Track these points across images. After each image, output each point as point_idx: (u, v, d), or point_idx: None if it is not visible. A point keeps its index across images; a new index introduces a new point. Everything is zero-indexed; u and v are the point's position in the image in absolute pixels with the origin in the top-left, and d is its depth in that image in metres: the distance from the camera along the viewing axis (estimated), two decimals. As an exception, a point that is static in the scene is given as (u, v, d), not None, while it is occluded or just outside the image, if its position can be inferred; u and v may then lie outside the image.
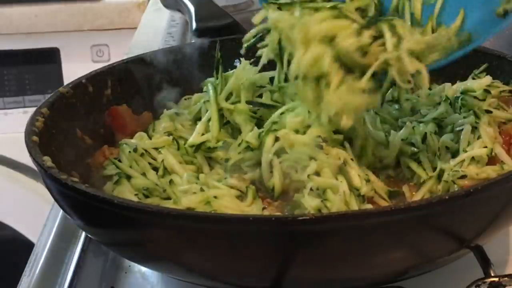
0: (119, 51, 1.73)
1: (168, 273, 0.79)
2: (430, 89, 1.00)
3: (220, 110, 0.92)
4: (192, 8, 1.36)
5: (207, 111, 0.93)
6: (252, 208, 0.80)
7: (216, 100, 0.92)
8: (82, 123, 0.94)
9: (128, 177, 0.86)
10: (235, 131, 0.91)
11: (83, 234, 0.91)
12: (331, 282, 0.73)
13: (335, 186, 0.78)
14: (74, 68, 2.03)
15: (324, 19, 0.81)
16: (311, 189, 0.78)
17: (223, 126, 0.91)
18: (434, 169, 0.85)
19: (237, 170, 0.86)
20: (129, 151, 0.88)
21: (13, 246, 2.15)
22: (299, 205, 0.79)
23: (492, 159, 0.85)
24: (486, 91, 0.92)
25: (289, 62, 0.83)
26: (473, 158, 0.85)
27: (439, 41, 0.82)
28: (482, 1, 0.85)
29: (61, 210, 0.92)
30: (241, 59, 0.96)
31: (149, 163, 0.88)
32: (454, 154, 0.87)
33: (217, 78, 0.94)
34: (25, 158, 0.92)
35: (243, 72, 0.93)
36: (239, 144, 0.87)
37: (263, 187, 0.84)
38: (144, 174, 0.86)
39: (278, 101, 0.91)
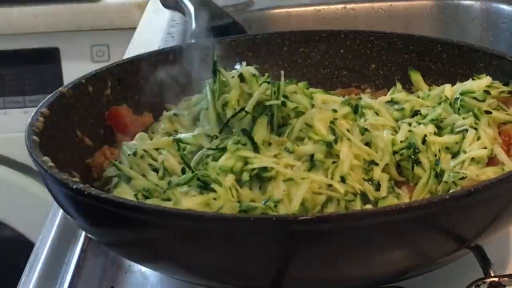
0: (119, 51, 1.73)
1: (168, 273, 0.79)
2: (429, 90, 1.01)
3: (218, 115, 0.91)
4: (192, 8, 1.36)
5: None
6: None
7: (215, 106, 0.92)
8: (82, 123, 0.94)
9: (129, 179, 0.86)
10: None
11: (83, 234, 0.91)
12: (331, 282, 0.73)
13: None
14: (74, 68, 2.03)
15: None
16: None
17: (222, 130, 0.90)
18: (435, 170, 0.85)
19: None
20: (129, 154, 0.88)
21: (13, 246, 2.15)
22: None
23: (491, 160, 0.85)
24: (486, 92, 0.93)
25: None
26: (473, 159, 0.85)
27: None
28: None
29: (61, 210, 0.92)
30: (242, 62, 0.96)
31: (150, 164, 0.88)
32: (454, 155, 0.87)
33: (214, 82, 0.93)
34: (25, 158, 0.92)
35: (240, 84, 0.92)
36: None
37: None
38: (144, 176, 0.86)
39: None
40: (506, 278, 0.71)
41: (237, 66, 0.96)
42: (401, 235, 0.69)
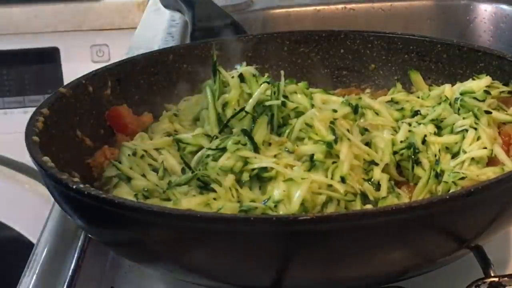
0: (119, 51, 1.73)
1: (168, 273, 0.79)
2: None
3: (218, 115, 0.91)
4: (191, 8, 1.36)
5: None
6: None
7: (215, 106, 0.92)
8: (82, 123, 0.94)
9: (128, 179, 0.86)
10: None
11: (83, 234, 0.91)
12: (331, 282, 0.73)
13: None
14: (74, 68, 2.02)
15: None
16: None
17: (223, 130, 0.90)
18: (435, 170, 0.85)
19: None
20: (129, 154, 0.88)
21: (13, 246, 2.15)
22: None
23: (491, 160, 0.85)
24: (486, 92, 0.93)
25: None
26: (473, 159, 0.85)
27: None
28: None
29: (61, 210, 0.92)
30: (243, 63, 0.96)
31: (150, 164, 0.88)
32: (454, 155, 0.87)
33: (215, 82, 0.93)
34: (25, 158, 0.91)
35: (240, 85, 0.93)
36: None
37: None
38: (144, 176, 0.86)
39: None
40: (506, 278, 0.71)
41: (237, 66, 0.96)
42: (401, 235, 0.69)
